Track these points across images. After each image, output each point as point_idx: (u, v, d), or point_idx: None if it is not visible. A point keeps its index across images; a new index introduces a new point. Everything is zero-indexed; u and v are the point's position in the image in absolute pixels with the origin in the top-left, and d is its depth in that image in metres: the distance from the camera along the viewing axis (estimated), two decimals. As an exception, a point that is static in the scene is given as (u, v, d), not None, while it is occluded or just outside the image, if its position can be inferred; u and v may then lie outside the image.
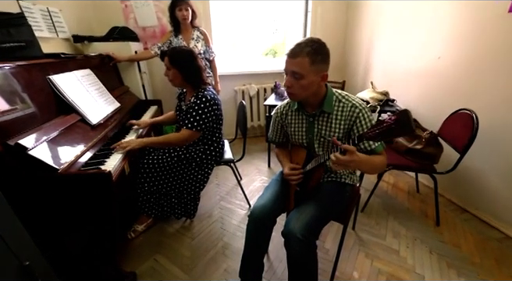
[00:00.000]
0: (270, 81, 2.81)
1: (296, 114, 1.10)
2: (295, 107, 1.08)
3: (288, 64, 0.91)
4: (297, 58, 0.88)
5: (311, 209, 1.00)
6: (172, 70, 1.37)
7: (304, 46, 0.88)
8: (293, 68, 0.90)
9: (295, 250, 0.93)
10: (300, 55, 0.88)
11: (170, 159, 1.45)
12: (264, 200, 1.08)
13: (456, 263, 1.35)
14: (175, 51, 1.38)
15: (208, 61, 2.17)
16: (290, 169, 1.07)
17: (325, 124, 1.03)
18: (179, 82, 1.41)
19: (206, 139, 1.51)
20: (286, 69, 0.93)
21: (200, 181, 1.53)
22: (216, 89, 2.27)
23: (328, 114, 1.01)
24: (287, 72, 0.93)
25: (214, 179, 2.16)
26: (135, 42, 2.14)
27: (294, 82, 0.92)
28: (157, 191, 1.50)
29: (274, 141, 1.26)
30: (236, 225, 1.64)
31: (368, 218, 1.69)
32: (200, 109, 1.34)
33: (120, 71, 2.04)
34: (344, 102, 1.00)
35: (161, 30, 2.41)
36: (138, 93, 2.12)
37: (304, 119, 1.07)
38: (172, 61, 1.36)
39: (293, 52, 0.89)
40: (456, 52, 1.73)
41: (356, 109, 0.97)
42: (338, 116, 1.00)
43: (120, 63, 1.99)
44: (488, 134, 1.54)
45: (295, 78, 0.91)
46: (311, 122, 1.05)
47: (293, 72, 0.91)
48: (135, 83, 2.11)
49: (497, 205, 1.59)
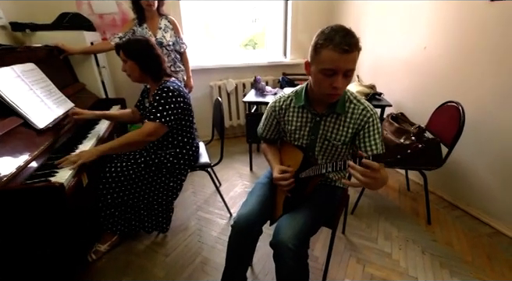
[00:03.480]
0: (249, 75, 2.79)
1: (301, 111, 1.05)
2: (301, 103, 1.02)
3: (342, 61, 0.81)
4: (353, 53, 0.81)
5: (303, 216, 0.99)
6: (128, 63, 1.35)
7: (353, 35, 0.81)
8: (349, 65, 0.82)
9: (287, 263, 0.91)
10: (355, 48, 0.81)
11: (136, 166, 1.40)
12: (249, 208, 1.05)
13: (449, 262, 1.43)
14: (129, 41, 1.36)
15: (178, 53, 2.13)
16: (281, 172, 1.02)
17: (332, 126, 1.01)
18: (137, 75, 1.37)
19: (176, 141, 1.48)
20: (336, 69, 0.82)
21: (172, 189, 1.49)
22: (188, 85, 2.24)
23: (338, 115, 0.99)
24: (339, 72, 0.83)
25: (189, 186, 2.13)
26: (90, 31, 2.04)
27: (345, 81, 0.85)
28: (122, 204, 1.43)
29: (264, 137, 1.22)
30: (216, 236, 1.62)
31: (358, 221, 1.74)
32: (163, 99, 1.31)
33: (74, 66, 1.93)
34: (356, 104, 0.98)
35: (123, 18, 2.32)
36: (97, 91, 2.02)
37: (310, 118, 1.04)
38: (128, 53, 1.33)
39: (349, 45, 0.79)
40: (441, 42, 1.83)
41: (367, 113, 0.96)
42: (348, 118, 0.98)
43: (73, 56, 1.89)
44: (476, 127, 1.64)
45: (346, 76, 0.85)
46: (317, 121, 1.02)
47: (349, 70, 0.83)
48: (92, 79, 2.01)
49: (487, 200, 1.70)
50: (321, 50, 0.83)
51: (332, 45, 0.80)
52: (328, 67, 0.83)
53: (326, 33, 0.83)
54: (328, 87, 0.86)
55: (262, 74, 2.78)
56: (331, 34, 0.81)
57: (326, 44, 0.81)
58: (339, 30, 0.81)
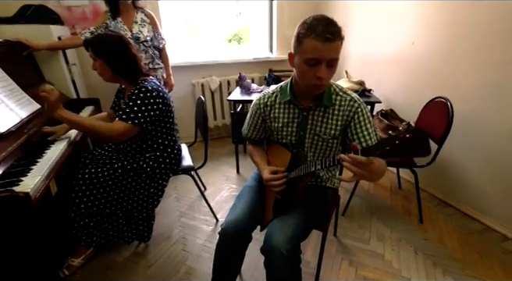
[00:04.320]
0: (234, 72, 2.75)
1: (287, 107, 1.05)
2: (287, 98, 1.02)
3: (325, 50, 0.82)
4: (336, 42, 0.82)
5: (295, 219, 0.99)
6: (98, 61, 1.29)
7: (335, 24, 0.83)
8: (332, 54, 0.84)
9: (280, 270, 0.91)
10: (338, 36, 0.82)
11: (113, 172, 1.35)
12: (238, 213, 1.03)
13: (442, 261, 1.47)
14: (99, 38, 1.30)
15: (156, 49, 2.07)
16: (271, 173, 1.03)
17: (320, 119, 1.02)
18: (109, 76, 1.32)
19: (157, 144, 1.44)
20: (320, 58, 0.83)
21: (153, 196, 1.46)
22: (169, 83, 2.19)
23: (326, 108, 1.00)
24: (322, 61, 0.84)
25: (171, 191, 2.09)
26: (57, 25, 1.96)
27: (329, 71, 0.87)
28: (97, 213, 1.38)
29: (249, 138, 1.21)
30: (202, 244, 1.60)
31: (350, 222, 1.76)
32: (139, 100, 1.26)
33: (39, 63, 1.84)
34: (342, 95, 1.00)
35: (94, 11, 2.24)
36: (66, 90, 1.94)
37: (297, 113, 1.04)
38: (97, 50, 1.27)
39: (332, 34, 0.80)
40: (428, 37, 1.88)
41: (355, 104, 0.98)
42: (336, 111, 1.00)
43: (38, 53, 1.79)
44: (465, 122, 1.69)
45: (330, 66, 0.86)
46: (305, 116, 1.03)
47: (332, 59, 0.85)
48: (61, 78, 1.92)
49: (477, 196, 1.76)
50: (304, 39, 0.84)
51: (315, 34, 0.81)
52: (312, 56, 0.84)
53: (308, 22, 0.84)
54: (313, 77, 0.87)
55: (247, 71, 2.76)
56: (313, 24, 0.82)
57: (309, 34, 0.83)
58: (321, 19, 0.83)
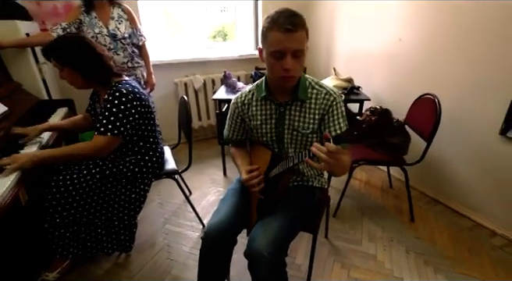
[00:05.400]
0: (219, 70, 2.77)
1: (263, 103, 1.09)
2: (262, 94, 1.06)
3: (287, 41, 0.87)
4: (298, 32, 0.87)
5: (278, 220, 1.01)
6: (65, 70, 1.25)
7: (298, 15, 0.88)
8: (296, 45, 0.88)
9: (263, 273, 0.92)
10: (299, 26, 0.87)
11: (90, 178, 1.32)
12: (220, 216, 1.05)
13: (433, 259, 1.53)
14: (59, 44, 1.24)
15: (136, 47, 2.05)
16: (248, 173, 1.05)
17: (298, 114, 1.05)
18: (81, 83, 1.29)
19: (137, 147, 1.42)
20: (283, 49, 0.88)
21: (135, 202, 1.44)
22: (150, 82, 2.18)
23: (302, 102, 1.04)
24: (286, 52, 0.89)
25: (154, 197, 2.08)
26: (25, 21, 1.89)
27: (296, 63, 0.91)
28: (74, 223, 1.35)
29: (231, 140, 1.24)
30: (188, 252, 1.60)
31: (341, 223, 1.80)
32: (114, 107, 1.24)
33: (6, 62, 1.78)
34: (318, 89, 1.04)
35: (66, 6, 2.19)
36: (36, 91, 1.88)
37: (274, 109, 1.08)
38: (61, 59, 1.23)
39: (293, 24, 0.85)
40: (415, 33, 1.96)
41: (331, 97, 1.03)
42: (312, 105, 1.04)
43: (4, 51, 1.74)
44: (452, 119, 1.77)
45: (296, 57, 0.90)
46: (282, 112, 1.06)
47: (297, 50, 0.89)
48: (30, 77, 1.86)
49: (466, 193, 1.84)
50: (268, 33, 0.90)
51: (277, 26, 0.87)
52: (276, 49, 0.89)
53: (271, 16, 0.90)
54: (280, 69, 0.92)
55: (233, 69, 2.77)
56: (275, 17, 0.88)
57: (271, 27, 0.88)
58: (283, 12, 0.89)
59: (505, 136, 1.58)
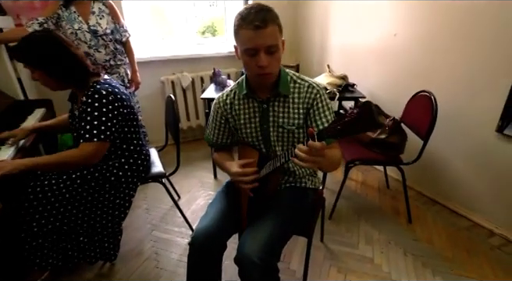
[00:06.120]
0: (208, 68, 2.75)
1: (246, 102, 1.10)
2: (243, 92, 1.07)
3: (258, 38, 0.89)
4: (269, 28, 0.88)
5: (269, 224, 1.01)
6: (36, 73, 1.22)
7: (267, 10, 0.90)
8: (268, 41, 0.90)
9: (254, 280, 0.93)
10: (270, 21, 0.88)
11: (71, 183, 1.30)
12: (208, 221, 1.05)
13: (431, 261, 1.56)
14: (28, 44, 1.19)
15: (119, 43, 2.03)
16: (241, 167, 1.04)
17: (282, 110, 1.07)
18: (54, 85, 1.27)
19: (121, 150, 1.41)
20: (256, 47, 0.90)
21: (119, 208, 1.42)
22: (135, 80, 2.16)
23: (285, 97, 1.05)
24: (259, 50, 0.90)
25: (141, 202, 2.07)
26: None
27: (271, 59, 0.93)
28: (54, 231, 1.32)
29: (215, 144, 1.23)
30: (177, 259, 1.59)
31: (336, 226, 1.81)
32: (96, 111, 1.22)
33: (-22, 59, 1.75)
34: (300, 83, 1.06)
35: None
36: (12, 91, 1.85)
37: (257, 107, 1.09)
38: (30, 61, 1.20)
39: (262, 20, 0.87)
40: (411, 28, 1.98)
41: (313, 90, 1.04)
42: (295, 99, 1.05)
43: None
44: (448, 117, 1.79)
45: (270, 53, 0.92)
46: (265, 109, 1.08)
47: (270, 46, 0.91)
48: (4, 76, 1.83)
49: (463, 192, 1.87)
50: (239, 31, 0.91)
51: (246, 24, 0.88)
52: (248, 46, 0.91)
53: (241, 13, 0.91)
54: (255, 67, 0.93)
55: (222, 66, 2.76)
56: (244, 13, 0.89)
57: (241, 24, 0.89)
58: (252, 8, 0.90)
59: (501, 134, 1.61)
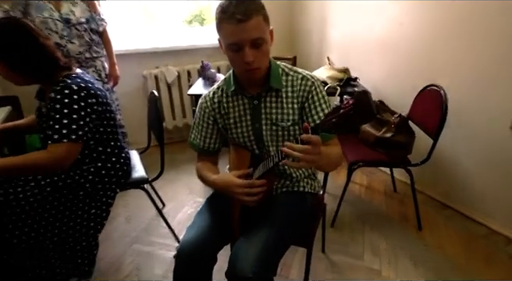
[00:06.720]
0: (195, 60, 2.71)
1: (235, 99, 1.08)
2: (231, 89, 1.05)
3: (242, 32, 0.86)
4: (252, 20, 0.85)
5: (264, 234, 0.97)
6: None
7: (248, 2, 0.86)
8: (252, 35, 0.87)
9: None
10: (253, 13, 0.85)
11: (39, 191, 1.25)
12: (196, 231, 1.03)
13: (444, 272, 1.51)
14: None
15: (95, 33, 1.99)
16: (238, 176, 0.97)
17: (274, 105, 1.05)
18: (18, 80, 1.22)
19: (96, 153, 1.35)
20: (239, 42, 0.87)
21: (95, 219, 1.37)
22: (113, 74, 2.13)
23: (277, 91, 1.04)
24: (243, 44, 0.88)
25: (120, 211, 2.02)
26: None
27: (257, 53, 0.90)
28: (18, 246, 1.26)
29: (202, 149, 1.17)
30: (161, 275, 1.54)
31: (339, 235, 1.76)
32: (66, 108, 1.16)
33: None
34: (293, 75, 1.05)
35: (10, -15, 2.07)
36: (-27, 88, 1.77)
37: (247, 104, 1.07)
38: None
39: (244, 13, 0.84)
40: (418, 17, 1.93)
41: (308, 82, 1.03)
42: (289, 93, 1.04)
43: None
44: (460, 113, 1.72)
45: (256, 47, 0.90)
46: (257, 105, 1.06)
47: (255, 39, 0.88)
48: (-35, 71, 1.75)
49: (477, 195, 1.81)
50: (221, 25, 0.89)
51: (227, 17, 0.86)
52: (231, 42, 0.89)
53: (221, 4, 0.88)
54: (241, 63, 0.91)
55: (211, 59, 2.72)
56: (225, 5, 0.87)
57: (222, 17, 0.87)
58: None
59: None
